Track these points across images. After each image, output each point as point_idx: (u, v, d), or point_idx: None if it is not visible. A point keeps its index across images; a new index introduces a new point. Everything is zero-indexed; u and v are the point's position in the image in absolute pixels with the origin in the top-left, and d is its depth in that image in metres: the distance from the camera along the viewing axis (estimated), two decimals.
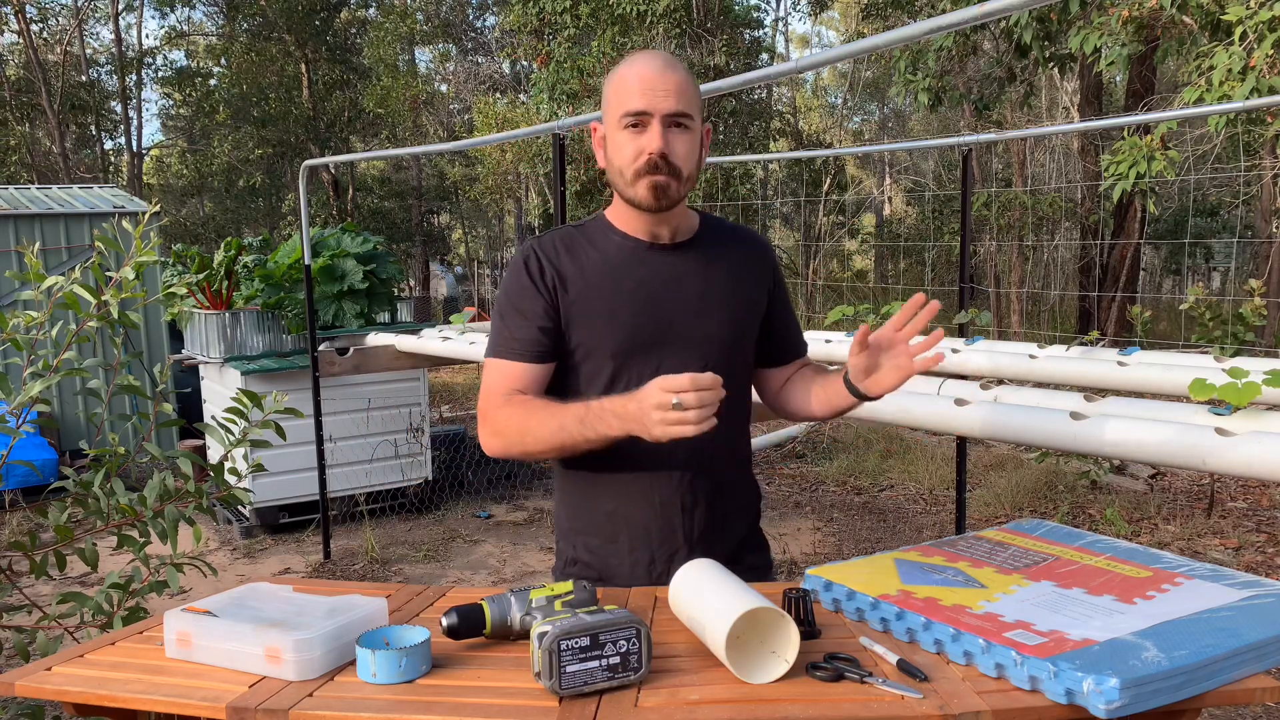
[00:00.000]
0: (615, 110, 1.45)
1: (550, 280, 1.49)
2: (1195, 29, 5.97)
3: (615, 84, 1.46)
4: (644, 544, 1.52)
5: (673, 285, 1.52)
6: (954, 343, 3.44)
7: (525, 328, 1.49)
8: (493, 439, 1.48)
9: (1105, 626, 1.10)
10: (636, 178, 1.44)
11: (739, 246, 1.60)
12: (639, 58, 1.46)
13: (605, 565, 1.55)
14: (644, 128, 1.43)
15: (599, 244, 1.54)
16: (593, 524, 1.56)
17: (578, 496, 1.58)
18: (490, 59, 19.59)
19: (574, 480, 1.58)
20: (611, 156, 1.48)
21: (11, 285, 6.87)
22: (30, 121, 18.92)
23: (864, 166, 25.06)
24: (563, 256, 1.51)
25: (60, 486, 2.10)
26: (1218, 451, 1.82)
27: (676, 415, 1.27)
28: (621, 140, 1.45)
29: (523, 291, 1.50)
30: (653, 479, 1.51)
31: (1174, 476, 6.13)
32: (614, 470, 1.51)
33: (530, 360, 1.49)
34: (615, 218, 1.56)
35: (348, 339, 5.66)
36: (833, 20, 28.78)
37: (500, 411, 1.47)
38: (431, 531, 5.66)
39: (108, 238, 2.13)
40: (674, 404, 1.26)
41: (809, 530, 5.49)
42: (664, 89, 1.41)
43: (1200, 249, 14.59)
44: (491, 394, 1.50)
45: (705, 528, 1.54)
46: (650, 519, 1.52)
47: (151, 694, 1.11)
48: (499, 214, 22.44)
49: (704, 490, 1.53)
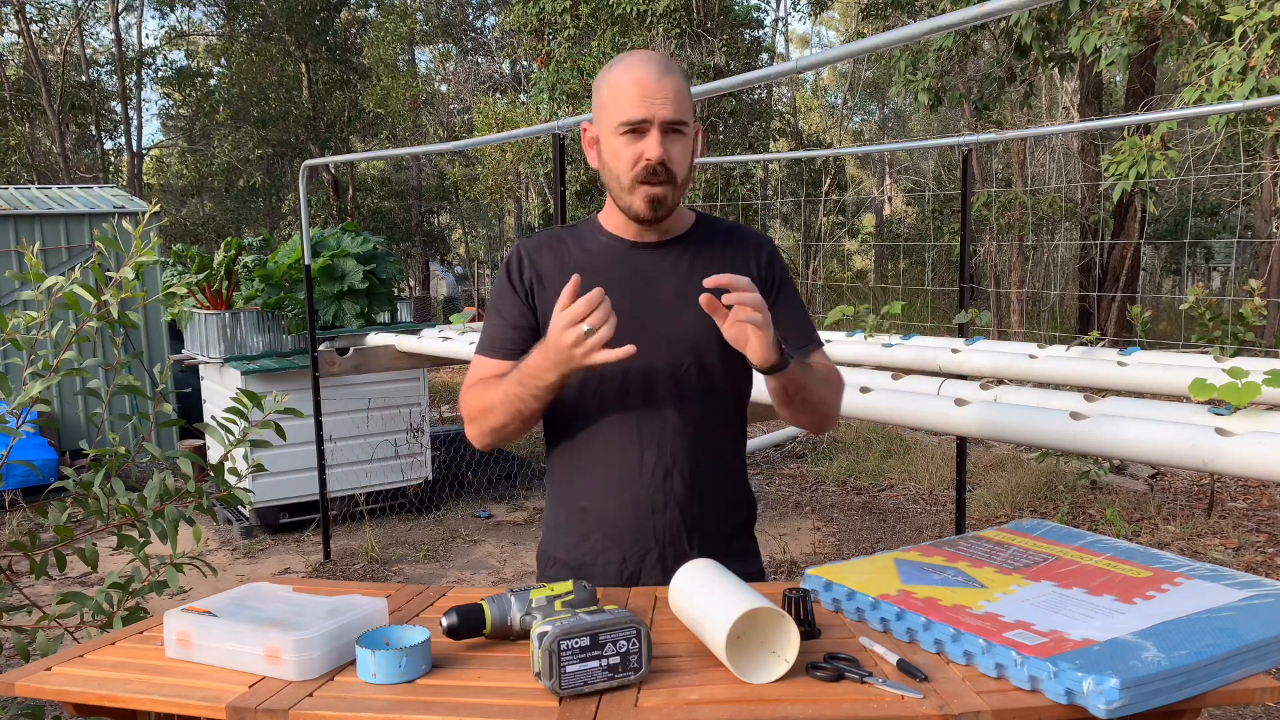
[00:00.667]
0: (611, 116, 1.43)
1: (528, 279, 1.53)
2: (1195, 29, 5.97)
3: (610, 88, 1.44)
4: (615, 544, 1.51)
5: (651, 283, 1.51)
6: (954, 343, 3.44)
7: (501, 326, 1.54)
8: (468, 427, 1.54)
9: (1105, 626, 1.10)
10: (634, 185, 1.44)
11: (731, 246, 1.57)
12: (634, 61, 1.44)
13: (579, 565, 1.54)
14: (642, 135, 1.42)
15: (585, 244, 1.55)
16: (569, 523, 1.56)
17: (556, 495, 1.59)
18: (490, 59, 19.60)
19: (556, 480, 1.58)
20: (608, 161, 1.47)
21: (11, 285, 6.87)
22: (30, 121, 18.93)
23: (864, 166, 25.06)
24: (545, 255, 1.55)
25: (60, 486, 2.09)
26: (1218, 451, 1.82)
27: (593, 339, 1.29)
28: (618, 146, 1.44)
29: (502, 291, 1.56)
30: (623, 478, 1.49)
31: (1174, 476, 6.13)
32: (589, 469, 1.51)
33: (502, 357, 1.53)
34: (605, 219, 1.57)
35: (348, 339, 5.66)
36: (833, 20, 28.79)
37: (468, 396, 1.53)
38: (431, 531, 5.66)
39: (108, 238, 2.13)
40: (585, 330, 1.29)
41: (809, 530, 5.49)
42: (661, 96, 1.40)
43: (1200, 249, 14.59)
44: (468, 387, 1.56)
45: (677, 530, 1.50)
46: (622, 519, 1.50)
47: (151, 694, 1.11)
48: (499, 214, 22.45)
49: (675, 491, 1.49)
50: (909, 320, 4.75)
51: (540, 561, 1.63)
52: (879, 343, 3.51)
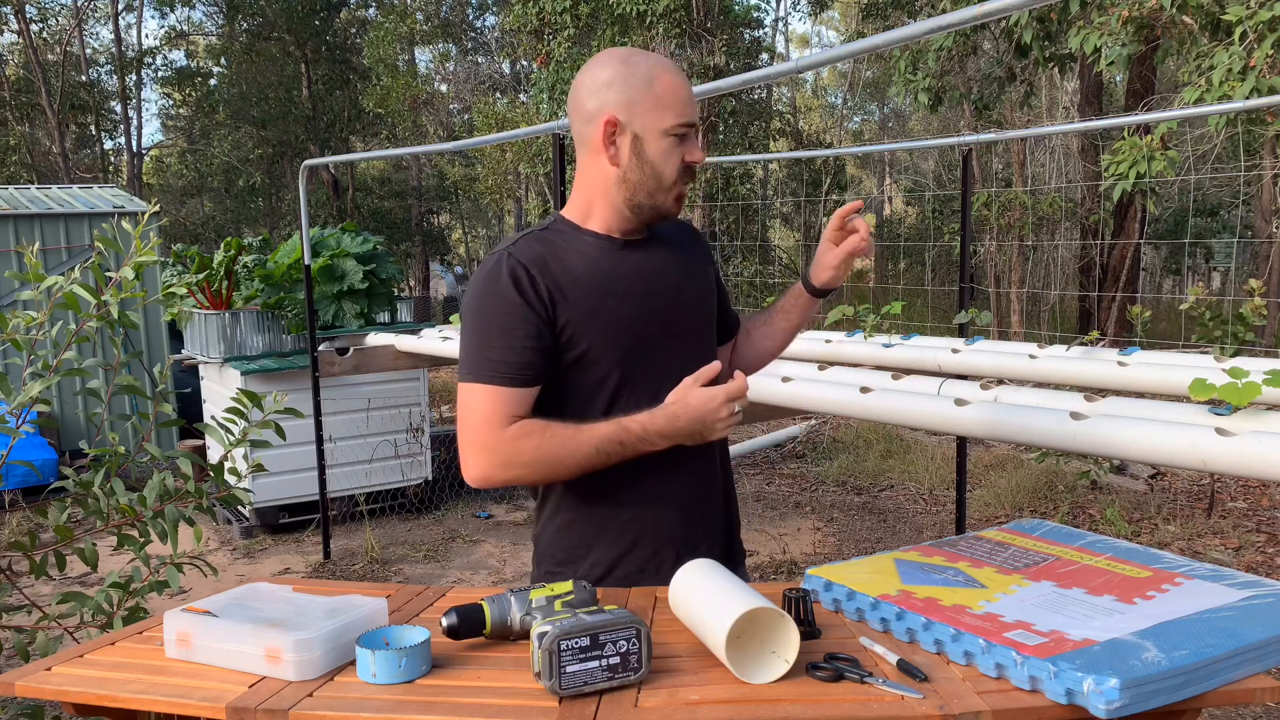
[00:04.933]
0: (668, 117, 1.44)
1: (545, 293, 1.40)
2: (1195, 29, 5.97)
3: (666, 88, 1.43)
4: (669, 544, 1.50)
5: (656, 280, 1.51)
6: (954, 343, 3.44)
7: (518, 350, 1.39)
8: (503, 471, 1.40)
9: (1105, 626, 1.10)
10: (674, 185, 1.47)
11: (683, 237, 1.63)
12: (668, 64, 1.47)
13: (626, 574, 1.51)
14: (688, 138, 1.46)
15: (575, 245, 1.48)
16: (603, 529, 1.52)
17: (588, 506, 1.53)
18: (490, 59, 19.59)
19: (579, 487, 1.51)
20: (654, 159, 1.44)
21: (11, 285, 6.87)
22: (30, 121, 18.92)
23: (864, 166, 25.06)
24: (550, 264, 1.43)
25: (60, 486, 2.10)
26: (1218, 451, 1.82)
27: (734, 420, 1.38)
28: (668, 147, 1.45)
29: (511, 309, 1.39)
30: (673, 479, 1.50)
31: (1174, 476, 6.13)
32: (632, 475, 1.46)
33: (528, 385, 1.41)
34: (581, 218, 1.51)
35: (348, 339, 5.66)
36: (833, 20, 28.78)
37: (516, 444, 1.38)
38: (431, 531, 5.66)
39: (107, 238, 2.13)
40: (736, 410, 1.37)
41: (809, 530, 5.49)
42: (692, 100, 1.47)
43: (1200, 249, 14.58)
44: (489, 423, 1.39)
45: (719, 523, 1.58)
46: (673, 518, 1.51)
47: (151, 694, 1.11)
48: (499, 214, 22.45)
49: (714, 484, 1.57)
50: (909, 320, 4.75)
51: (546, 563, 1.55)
52: (879, 343, 3.51)
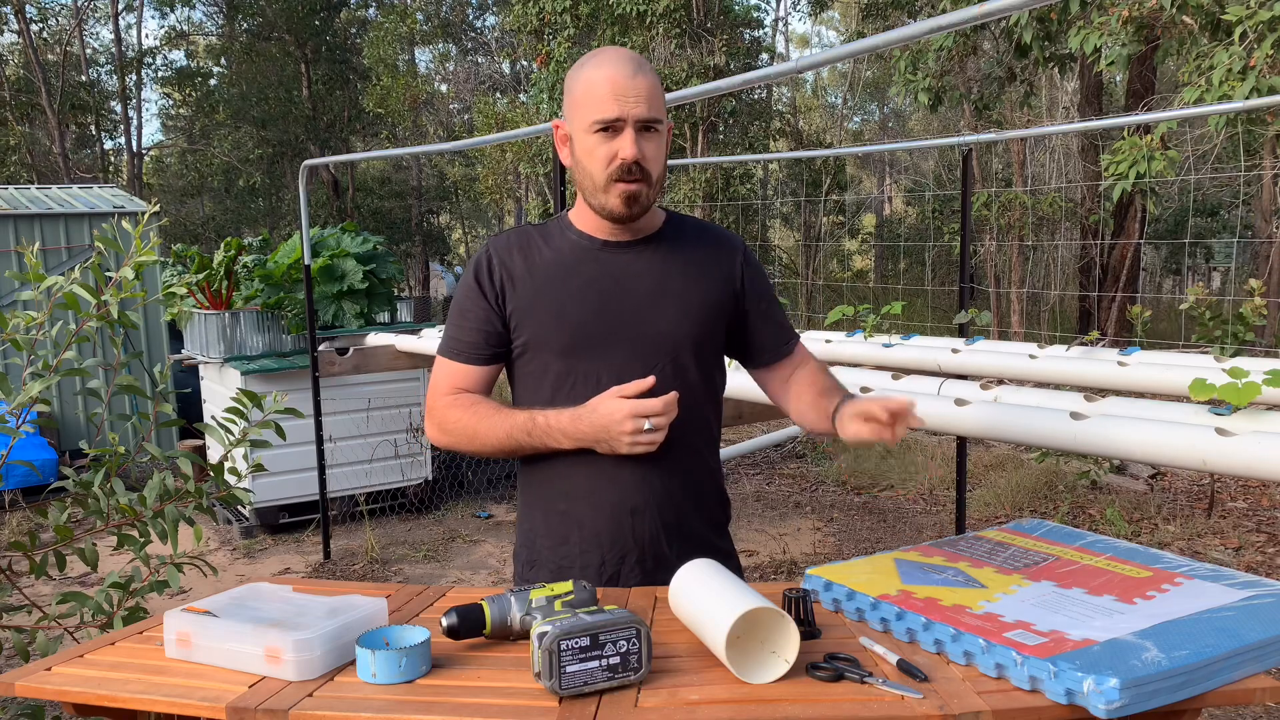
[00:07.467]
0: (585, 114, 1.42)
1: (499, 281, 1.51)
2: (1195, 29, 5.97)
3: (583, 85, 1.43)
4: (595, 547, 1.50)
5: (624, 283, 1.50)
6: (954, 343, 3.44)
7: (468, 330, 1.53)
8: (440, 435, 1.54)
9: (1105, 626, 1.10)
10: (609, 184, 1.43)
11: (704, 245, 1.56)
12: (606, 59, 1.43)
13: (559, 567, 1.52)
14: (616, 133, 1.41)
15: (554, 243, 1.53)
16: (547, 525, 1.55)
17: (533, 497, 1.58)
18: (490, 59, 19.59)
19: (531, 482, 1.57)
20: (581, 159, 1.45)
21: (11, 285, 6.87)
22: (30, 121, 18.90)
23: (864, 166, 25.06)
24: (515, 255, 1.52)
25: (60, 486, 2.09)
26: (1218, 451, 1.82)
27: (649, 436, 1.35)
28: (591, 145, 1.42)
29: (469, 293, 1.53)
30: (602, 481, 1.48)
31: (1174, 476, 6.13)
32: (567, 473, 1.50)
33: (471, 362, 1.53)
34: (576, 217, 1.54)
35: (348, 339, 5.66)
36: (833, 20, 28.78)
37: (448, 411, 1.52)
38: (431, 531, 5.65)
39: (107, 238, 2.13)
40: (646, 428, 1.34)
41: (809, 530, 5.49)
42: (635, 95, 1.40)
43: (1200, 249, 14.58)
44: (435, 391, 1.55)
45: (656, 532, 1.50)
46: (600, 521, 1.49)
47: (151, 694, 1.11)
48: (499, 214, 22.44)
49: (654, 493, 1.49)
50: (909, 320, 4.75)
51: (516, 562, 1.62)
52: (879, 343, 3.51)
